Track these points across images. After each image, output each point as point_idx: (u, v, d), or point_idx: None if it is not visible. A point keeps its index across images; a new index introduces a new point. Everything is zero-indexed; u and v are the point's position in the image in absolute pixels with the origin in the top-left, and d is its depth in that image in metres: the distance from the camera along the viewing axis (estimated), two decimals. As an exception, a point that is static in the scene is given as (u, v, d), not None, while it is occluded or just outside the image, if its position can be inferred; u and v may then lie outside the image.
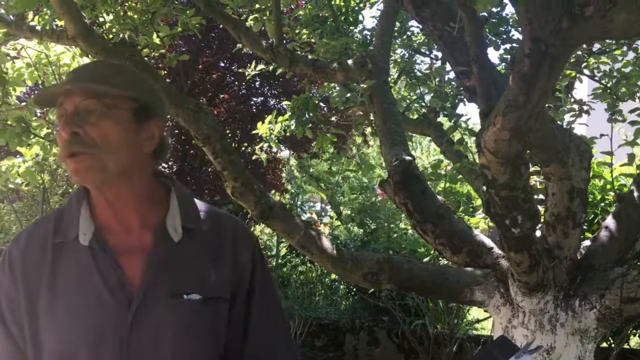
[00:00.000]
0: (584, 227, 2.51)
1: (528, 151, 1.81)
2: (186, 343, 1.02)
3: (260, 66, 3.70)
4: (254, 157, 3.65)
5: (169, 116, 1.21)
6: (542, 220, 2.11)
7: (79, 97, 1.00)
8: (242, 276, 1.10)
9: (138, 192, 1.07)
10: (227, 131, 6.82)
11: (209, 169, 6.60)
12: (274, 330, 1.14)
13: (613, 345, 3.84)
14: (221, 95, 7.15)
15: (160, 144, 1.10)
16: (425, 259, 4.23)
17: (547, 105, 1.84)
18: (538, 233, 2.11)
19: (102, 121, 1.00)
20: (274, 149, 6.40)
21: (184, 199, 1.12)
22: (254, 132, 3.71)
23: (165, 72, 6.00)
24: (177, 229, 1.07)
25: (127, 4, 2.94)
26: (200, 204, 1.15)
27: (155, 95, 1.10)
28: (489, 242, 2.36)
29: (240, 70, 4.09)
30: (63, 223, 1.07)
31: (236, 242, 1.12)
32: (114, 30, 2.74)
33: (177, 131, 6.39)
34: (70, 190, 6.48)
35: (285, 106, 4.13)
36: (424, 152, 14.58)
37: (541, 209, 2.11)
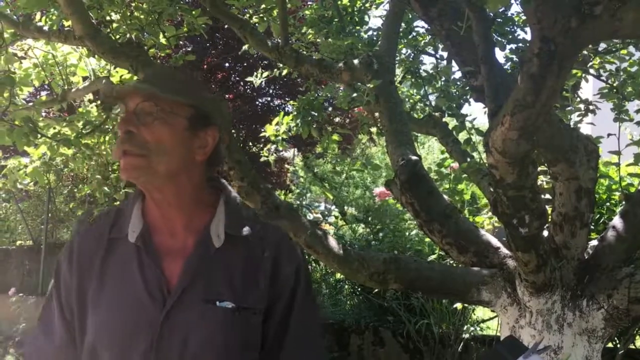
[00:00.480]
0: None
1: (535, 151, 1.81)
2: (213, 349, 1.03)
3: (266, 73, 3.71)
4: (261, 159, 3.65)
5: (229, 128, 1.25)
6: (549, 220, 2.10)
7: (139, 98, 1.04)
8: (282, 291, 1.10)
9: (185, 196, 1.09)
10: (232, 131, 6.84)
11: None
12: (309, 353, 1.12)
13: (619, 346, 3.83)
14: (226, 95, 7.17)
15: (215, 152, 1.12)
16: (430, 258, 4.23)
17: (554, 105, 1.83)
18: (545, 233, 2.11)
19: (158, 124, 1.03)
20: (281, 150, 6.41)
21: (232, 206, 1.13)
22: (262, 134, 3.72)
23: (171, 72, 6.01)
24: (220, 235, 1.08)
25: (133, 4, 2.95)
26: (248, 214, 1.16)
27: (214, 105, 1.12)
28: (495, 242, 2.36)
29: (244, 66, 4.10)
30: (121, 219, 1.11)
31: (279, 255, 1.11)
32: (120, 30, 2.75)
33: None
34: (75, 190, 6.50)
35: (290, 106, 4.13)
36: (429, 152, 14.57)
37: (548, 208, 2.11)
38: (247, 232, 1.10)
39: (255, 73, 3.77)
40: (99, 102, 3.32)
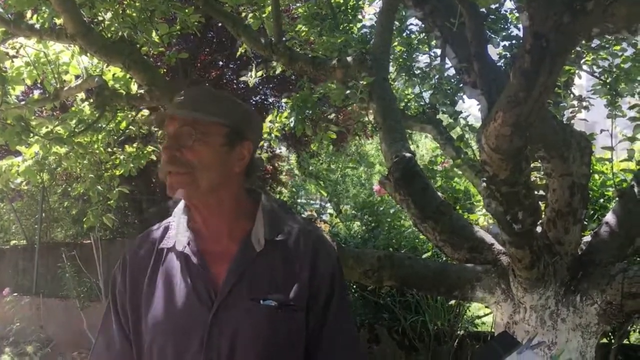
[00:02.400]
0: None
1: (528, 147, 1.81)
2: (260, 345, 1.11)
3: (260, 72, 3.70)
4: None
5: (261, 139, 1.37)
6: (542, 216, 2.11)
7: (178, 123, 1.14)
8: (319, 289, 1.17)
9: (226, 206, 1.19)
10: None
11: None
12: (346, 349, 1.19)
13: (613, 341, 3.84)
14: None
15: (251, 163, 1.22)
16: (425, 255, 4.23)
17: (547, 101, 1.84)
18: (539, 229, 2.11)
19: (197, 145, 1.13)
20: (274, 148, 6.39)
21: (270, 213, 1.22)
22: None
23: (164, 70, 5.99)
24: (260, 241, 1.17)
25: (125, 2, 2.93)
26: (286, 217, 1.24)
27: (247, 119, 1.21)
28: (489, 238, 2.36)
29: (237, 63, 4.08)
30: (169, 231, 1.22)
31: (316, 255, 1.19)
32: (112, 28, 2.73)
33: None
34: (69, 189, 6.46)
35: (284, 104, 4.13)
36: (421, 149, 14.56)
37: (541, 205, 2.11)
38: (285, 237, 1.19)
39: (249, 73, 3.76)
40: (91, 100, 3.30)
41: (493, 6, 2.83)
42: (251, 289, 1.13)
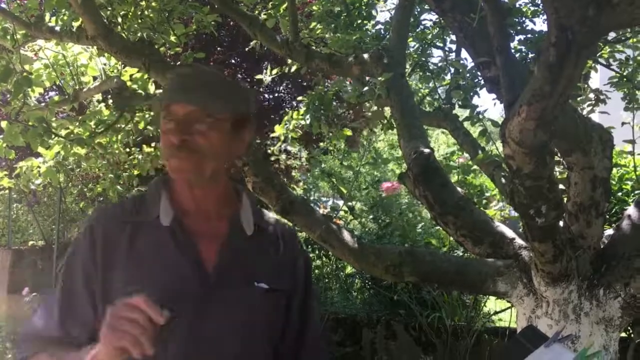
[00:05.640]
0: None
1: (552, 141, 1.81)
2: (250, 327, 1.12)
3: (275, 70, 3.71)
4: (272, 158, 3.67)
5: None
6: (564, 210, 2.10)
7: (189, 107, 1.11)
8: (298, 280, 1.23)
9: (221, 187, 1.20)
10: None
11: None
12: (319, 338, 1.28)
13: (632, 336, 3.82)
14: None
15: (249, 144, 1.23)
16: (440, 251, 4.23)
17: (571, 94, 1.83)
18: (561, 223, 2.11)
19: (209, 131, 1.11)
20: (290, 148, 6.39)
21: (252, 201, 1.24)
22: (273, 135, 3.73)
23: (180, 70, 6.02)
24: (250, 224, 1.19)
25: (143, 3, 2.96)
26: (263, 210, 1.28)
27: (248, 103, 1.21)
28: (510, 232, 2.36)
29: (250, 62, 4.09)
30: (144, 205, 1.18)
31: (294, 247, 1.25)
32: (132, 29, 2.76)
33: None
34: (85, 189, 6.53)
35: (297, 103, 4.14)
36: (436, 145, 14.52)
37: (563, 198, 2.11)
38: (266, 225, 1.23)
39: (264, 70, 3.77)
40: (110, 101, 3.34)
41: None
42: (244, 270, 1.14)
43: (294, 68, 3.65)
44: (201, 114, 1.11)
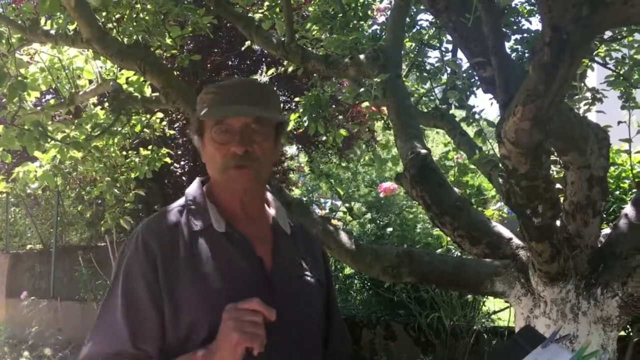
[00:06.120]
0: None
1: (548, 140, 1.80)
2: (310, 317, 1.23)
3: (271, 70, 3.71)
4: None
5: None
6: (561, 209, 2.10)
7: (247, 119, 1.18)
8: (326, 267, 1.35)
9: (264, 193, 1.30)
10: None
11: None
12: (343, 322, 1.39)
13: (631, 334, 3.82)
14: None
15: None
16: (438, 251, 4.22)
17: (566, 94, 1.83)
18: (558, 222, 2.11)
19: (265, 141, 1.20)
20: (288, 149, 6.40)
21: (280, 202, 1.35)
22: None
23: (177, 72, 6.02)
24: (286, 224, 1.30)
25: (138, 6, 2.96)
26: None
27: (281, 109, 1.32)
28: (507, 232, 2.36)
29: (248, 64, 4.09)
30: (190, 215, 1.22)
31: (315, 241, 1.39)
32: (127, 32, 2.76)
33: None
34: (83, 193, 6.52)
35: (294, 104, 4.14)
36: (431, 144, 14.51)
37: (560, 198, 2.10)
38: (295, 223, 1.34)
39: (260, 70, 3.77)
40: (106, 104, 3.34)
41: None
42: (294, 266, 1.24)
43: (290, 69, 3.65)
44: (257, 124, 1.18)
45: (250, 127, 1.18)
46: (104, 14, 2.75)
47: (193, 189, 1.28)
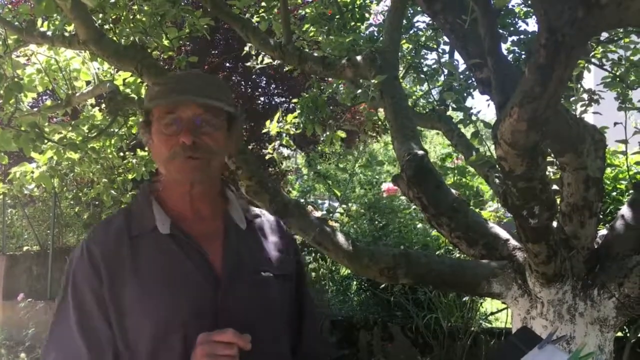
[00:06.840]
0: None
1: (544, 142, 1.81)
2: (267, 315, 1.16)
3: (267, 60, 3.69)
4: (267, 157, 3.66)
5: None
6: (558, 210, 2.10)
7: (197, 109, 1.14)
8: (296, 259, 1.29)
9: (214, 187, 1.24)
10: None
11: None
12: (316, 320, 1.35)
13: (629, 335, 3.83)
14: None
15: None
16: (437, 253, 4.23)
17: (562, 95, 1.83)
18: (554, 223, 2.11)
19: (216, 132, 1.16)
20: (285, 147, 6.39)
21: (236, 196, 1.28)
22: (265, 130, 3.73)
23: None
24: (242, 219, 1.23)
25: (135, 7, 2.96)
26: (246, 203, 1.32)
27: (234, 102, 1.25)
28: (504, 234, 2.36)
29: (246, 65, 4.08)
30: (135, 218, 1.18)
31: (284, 233, 1.31)
32: (124, 33, 2.76)
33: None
34: (80, 194, 6.51)
35: (292, 105, 4.13)
36: (428, 146, 14.53)
37: (556, 199, 2.11)
38: (252, 217, 1.27)
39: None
40: (103, 105, 3.33)
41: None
42: (249, 263, 1.18)
43: (287, 68, 3.65)
44: (207, 115, 1.14)
45: (200, 117, 1.14)
46: (100, 15, 2.75)
47: (139, 192, 1.25)
